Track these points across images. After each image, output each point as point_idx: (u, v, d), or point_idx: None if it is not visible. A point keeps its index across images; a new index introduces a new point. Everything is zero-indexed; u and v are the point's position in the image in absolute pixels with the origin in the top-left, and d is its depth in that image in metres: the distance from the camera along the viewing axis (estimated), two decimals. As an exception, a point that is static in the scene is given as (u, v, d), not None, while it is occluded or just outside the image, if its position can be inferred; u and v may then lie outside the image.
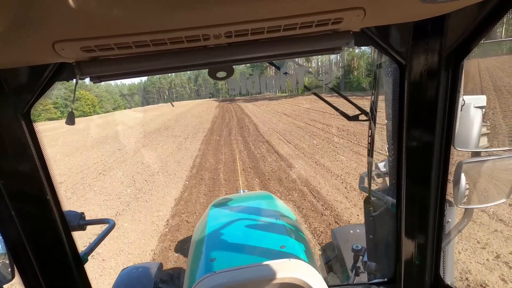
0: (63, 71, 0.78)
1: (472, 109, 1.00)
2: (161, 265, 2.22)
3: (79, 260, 1.03)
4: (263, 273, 1.04)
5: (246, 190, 3.69)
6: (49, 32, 0.53)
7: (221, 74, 0.82)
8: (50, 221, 0.93)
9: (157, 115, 30.93)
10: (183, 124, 20.29)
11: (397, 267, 1.17)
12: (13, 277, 0.93)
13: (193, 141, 12.81)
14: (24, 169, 0.85)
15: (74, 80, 0.78)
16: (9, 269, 0.92)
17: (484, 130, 1.03)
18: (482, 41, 0.75)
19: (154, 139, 14.69)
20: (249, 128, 14.79)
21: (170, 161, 9.46)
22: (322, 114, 16.11)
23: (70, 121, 0.83)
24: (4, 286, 0.96)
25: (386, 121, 1.11)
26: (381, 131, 1.22)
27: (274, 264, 1.07)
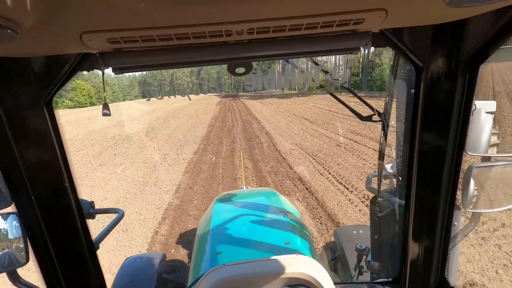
0: (86, 61, 0.80)
1: (483, 114, 1.01)
2: (164, 256, 2.16)
3: (93, 246, 1.04)
4: (272, 267, 1.05)
5: (249, 187, 3.58)
6: (78, 23, 0.54)
7: (240, 70, 0.83)
8: (67, 208, 0.95)
9: (149, 111, 26.27)
10: (172, 127, 15.53)
11: (402, 268, 1.17)
12: (27, 260, 0.93)
13: (173, 165, 8.02)
14: (45, 155, 0.87)
15: (99, 70, 0.77)
16: (23, 253, 0.93)
17: (494, 135, 1.05)
18: (501, 47, 0.74)
19: (120, 154, 9.93)
20: (261, 143, 9.97)
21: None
22: (362, 123, 11.31)
23: (106, 111, 0.84)
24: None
25: (397, 122, 1.10)
26: (390, 132, 1.19)
27: (283, 259, 1.09)
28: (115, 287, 1.84)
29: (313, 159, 7.34)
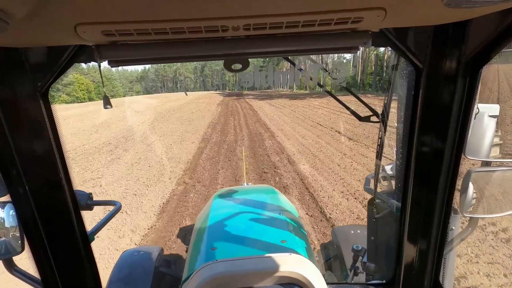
0: (82, 53, 0.79)
1: (486, 117, 0.99)
2: (162, 249, 2.15)
3: (87, 238, 1.04)
4: (264, 265, 1.05)
5: (250, 184, 3.52)
6: (72, 14, 0.54)
7: (236, 66, 0.83)
8: (61, 199, 0.95)
9: (140, 111, 22.22)
10: (152, 139, 11.31)
11: (396, 270, 1.16)
12: (23, 249, 0.94)
13: (100, 260, 3.73)
14: (40, 146, 0.87)
15: (96, 63, 0.78)
16: (19, 242, 0.94)
17: (496, 140, 1.02)
18: (503, 50, 0.73)
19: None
20: (285, 186, 5.64)
21: None
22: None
23: (106, 104, 0.85)
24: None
25: (397, 124, 1.10)
26: (390, 134, 1.19)
27: (276, 257, 1.08)
28: (113, 279, 1.81)
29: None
